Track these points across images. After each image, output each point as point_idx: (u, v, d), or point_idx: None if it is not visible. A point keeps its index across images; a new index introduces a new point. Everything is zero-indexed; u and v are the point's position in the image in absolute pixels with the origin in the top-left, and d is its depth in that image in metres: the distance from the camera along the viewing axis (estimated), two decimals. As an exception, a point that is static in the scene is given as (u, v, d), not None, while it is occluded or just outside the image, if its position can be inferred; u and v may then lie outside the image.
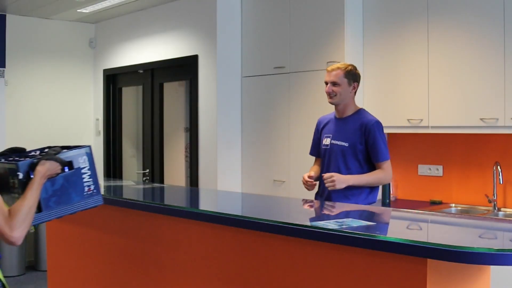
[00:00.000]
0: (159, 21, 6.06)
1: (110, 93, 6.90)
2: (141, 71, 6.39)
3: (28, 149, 2.56)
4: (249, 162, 5.34)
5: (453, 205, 4.39)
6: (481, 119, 3.93)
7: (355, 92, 3.52)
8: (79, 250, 3.75)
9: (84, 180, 2.41)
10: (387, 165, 3.41)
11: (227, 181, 5.34)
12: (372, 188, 3.47)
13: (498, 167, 4.10)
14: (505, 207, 4.17)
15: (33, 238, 6.50)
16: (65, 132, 6.76)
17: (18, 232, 2.11)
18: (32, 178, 2.23)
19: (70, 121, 6.90)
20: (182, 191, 4.66)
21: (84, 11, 6.32)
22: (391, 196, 4.61)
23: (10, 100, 6.49)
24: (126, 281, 3.39)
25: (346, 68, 3.47)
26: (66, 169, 2.36)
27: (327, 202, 3.33)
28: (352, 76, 3.48)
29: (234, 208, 3.56)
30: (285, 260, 2.50)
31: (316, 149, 3.66)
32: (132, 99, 6.92)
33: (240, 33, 5.43)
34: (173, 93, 6.44)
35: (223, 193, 4.60)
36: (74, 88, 6.97)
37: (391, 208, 4.27)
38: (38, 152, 2.49)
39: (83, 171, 2.40)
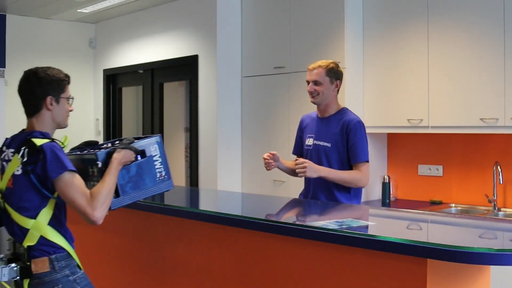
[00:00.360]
0: (159, 21, 6.06)
1: (110, 93, 6.90)
2: (141, 71, 6.39)
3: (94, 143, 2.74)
4: (249, 162, 5.34)
5: (453, 205, 4.39)
6: (481, 119, 3.93)
7: (338, 91, 3.41)
8: (78, 250, 3.75)
9: (156, 167, 2.58)
10: (365, 168, 3.29)
11: (227, 181, 5.34)
12: (356, 190, 3.38)
13: (498, 167, 4.10)
14: (505, 207, 4.17)
15: (33, 238, 6.49)
16: (65, 132, 6.73)
17: (99, 212, 2.31)
18: (109, 165, 2.42)
19: (70, 121, 6.80)
20: (182, 191, 4.66)
21: (84, 11, 6.33)
22: (391, 196, 4.62)
23: (10, 100, 6.49)
24: (125, 280, 3.39)
25: (327, 66, 3.34)
26: (139, 158, 2.52)
27: (326, 202, 3.32)
28: (334, 74, 3.35)
29: (234, 208, 3.56)
30: (285, 260, 2.50)
31: (299, 148, 3.58)
32: (132, 99, 6.92)
33: (240, 33, 5.43)
34: (173, 93, 6.44)
35: (223, 193, 4.60)
36: (74, 88, 6.81)
37: (390, 208, 4.28)
38: (109, 144, 2.63)
39: (154, 158, 2.57)
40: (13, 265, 2.36)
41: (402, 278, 2.11)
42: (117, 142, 2.67)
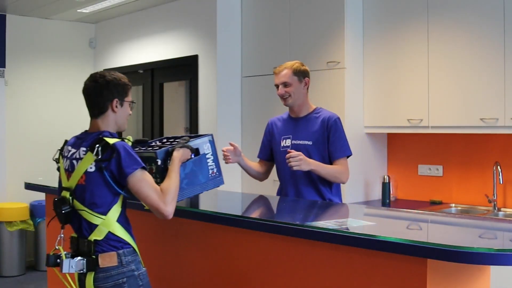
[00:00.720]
0: (159, 21, 6.06)
1: (110, 93, 6.89)
2: (141, 71, 6.39)
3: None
4: (249, 162, 5.33)
5: (453, 205, 4.39)
6: (481, 119, 3.93)
7: (308, 88, 3.41)
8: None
9: (209, 164, 2.76)
10: (346, 163, 3.31)
11: (227, 181, 5.30)
12: (336, 188, 3.38)
13: (498, 167, 4.10)
14: (505, 207, 4.17)
15: (33, 238, 6.50)
16: (65, 132, 6.74)
17: (171, 207, 2.43)
18: (170, 163, 2.58)
19: (70, 121, 6.89)
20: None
21: (84, 11, 6.33)
22: (391, 196, 4.61)
23: (10, 100, 6.49)
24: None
25: (292, 66, 3.35)
26: (193, 156, 2.69)
27: (324, 202, 3.31)
28: (301, 72, 3.36)
29: (234, 208, 3.56)
30: (285, 260, 2.50)
31: (266, 152, 3.56)
32: (132, 99, 6.91)
33: (240, 33, 5.43)
34: (173, 93, 6.44)
35: (223, 193, 4.59)
36: (74, 88, 6.96)
37: (390, 208, 4.28)
38: (158, 142, 2.76)
39: (207, 156, 2.76)
40: (79, 258, 2.43)
41: (402, 278, 2.11)
42: (164, 140, 2.80)
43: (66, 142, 2.67)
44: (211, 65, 5.39)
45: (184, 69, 5.78)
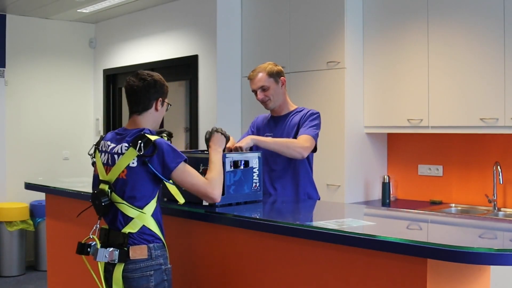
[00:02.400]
0: (159, 21, 6.06)
1: (110, 93, 6.91)
2: (141, 71, 6.38)
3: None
4: (249, 162, 5.32)
5: (453, 205, 4.39)
6: (481, 119, 3.93)
7: (285, 87, 3.38)
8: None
9: (253, 177, 2.95)
10: (304, 138, 3.16)
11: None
12: (310, 179, 3.36)
13: (498, 167, 4.10)
14: (505, 207, 4.18)
15: (33, 238, 6.50)
16: (65, 132, 6.76)
17: (218, 191, 2.63)
18: (210, 152, 2.74)
19: (70, 121, 6.90)
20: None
21: (84, 11, 6.33)
22: (391, 196, 4.62)
23: (10, 100, 6.49)
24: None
25: (266, 68, 3.32)
26: (242, 166, 2.89)
27: (323, 202, 3.31)
28: (276, 73, 3.32)
29: (234, 208, 3.56)
30: (285, 260, 2.50)
31: None
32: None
33: (240, 33, 5.43)
34: (173, 93, 6.44)
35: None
36: (74, 88, 6.97)
37: (390, 208, 4.28)
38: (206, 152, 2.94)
39: (254, 170, 2.95)
40: (113, 248, 2.50)
41: (402, 278, 2.11)
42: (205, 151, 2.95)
43: (102, 137, 2.73)
44: (211, 65, 5.39)
45: (184, 69, 5.78)
